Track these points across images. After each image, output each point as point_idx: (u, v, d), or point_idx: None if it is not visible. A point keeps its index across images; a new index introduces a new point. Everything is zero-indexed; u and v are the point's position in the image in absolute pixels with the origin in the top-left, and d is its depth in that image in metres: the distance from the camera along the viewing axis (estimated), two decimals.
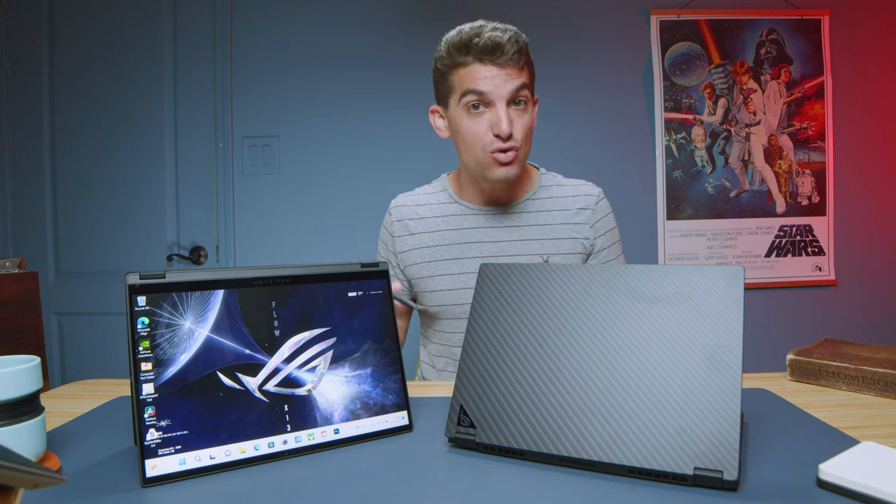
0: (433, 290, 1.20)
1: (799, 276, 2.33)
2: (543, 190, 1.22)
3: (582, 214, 1.20)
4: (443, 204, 1.23)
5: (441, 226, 1.21)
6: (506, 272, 0.76)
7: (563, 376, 0.67)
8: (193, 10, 2.30)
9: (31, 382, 0.63)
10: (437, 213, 1.23)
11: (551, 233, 1.18)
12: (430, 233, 1.21)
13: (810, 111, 2.31)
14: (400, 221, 1.24)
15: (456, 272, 1.18)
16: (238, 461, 0.66)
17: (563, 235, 1.18)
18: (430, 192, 1.27)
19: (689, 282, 0.67)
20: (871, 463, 0.57)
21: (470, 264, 1.17)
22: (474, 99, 1.06)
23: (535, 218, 1.19)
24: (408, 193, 1.29)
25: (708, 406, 0.60)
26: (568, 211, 1.20)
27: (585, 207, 1.20)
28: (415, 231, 1.22)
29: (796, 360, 0.98)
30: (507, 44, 1.03)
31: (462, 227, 1.20)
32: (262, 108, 2.32)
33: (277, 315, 0.73)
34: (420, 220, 1.23)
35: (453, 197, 1.23)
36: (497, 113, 1.06)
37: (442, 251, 1.19)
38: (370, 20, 2.29)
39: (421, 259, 1.21)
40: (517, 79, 1.06)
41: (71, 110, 2.33)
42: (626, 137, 2.32)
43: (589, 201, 1.20)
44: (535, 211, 1.20)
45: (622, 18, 2.32)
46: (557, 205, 1.20)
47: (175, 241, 2.32)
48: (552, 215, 1.19)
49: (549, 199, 1.21)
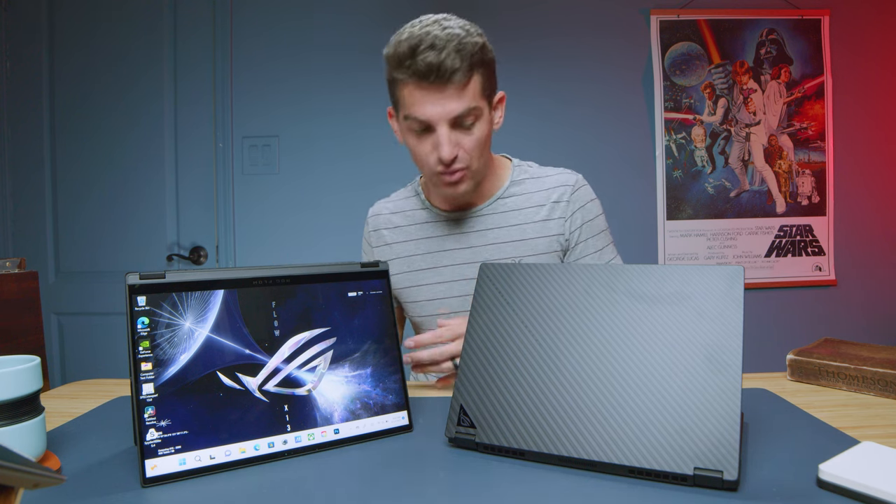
0: (413, 300, 1.18)
1: (799, 276, 2.33)
2: (515, 185, 1.16)
3: (556, 208, 1.12)
4: (415, 210, 1.20)
5: (414, 234, 1.18)
6: (506, 272, 0.76)
7: (563, 376, 0.67)
8: (193, 10, 2.30)
9: (31, 382, 0.63)
10: (411, 220, 1.20)
11: (522, 233, 1.12)
12: (404, 242, 1.19)
13: (810, 111, 2.31)
14: (376, 231, 1.22)
15: (433, 282, 1.15)
16: (238, 461, 0.66)
17: (536, 234, 1.12)
18: (405, 196, 1.24)
19: (689, 282, 0.67)
20: (871, 463, 0.57)
21: (445, 273, 1.15)
22: (416, 125, 1.01)
23: (506, 219, 1.14)
24: (384, 200, 1.26)
25: (708, 406, 0.60)
26: (541, 207, 1.13)
27: (559, 200, 1.12)
28: (390, 241, 1.20)
29: (796, 360, 0.98)
30: (444, 62, 0.93)
31: (434, 234, 1.17)
32: (262, 108, 2.32)
33: (277, 315, 0.73)
34: (395, 230, 1.20)
35: (424, 202, 1.20)
36: (437, 138, 0.99)
37: (418, 261, 1.17)
38: (370, 20, 2.29)
39: (398, 270, 1.18)
40: (458, 102, 0.97)
41: (71, 110, 2.33)
42: (626, 137, 2.32)
43: (563, 193, 1.13)
44: (506, 211, 1.14)
45: (622, 18, 2.32)
46: (530, 201, 1.14)
47: (175, 241, 2.32)
48: (524, 213, 1.13)
49: (521, 195, 1.15)
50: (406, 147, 1.10)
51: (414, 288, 1.17)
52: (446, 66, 0.94)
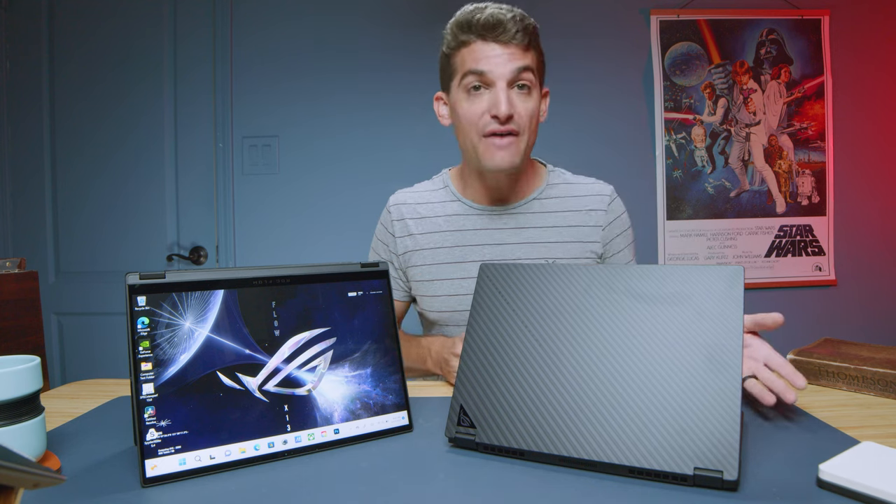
0: (433, 294, 1.15)
1: (799, 276, 2.33)
2: (551, 188, 1.16)
3: (592, 216, 1.13)
4: (444, 202, 1.17)
5: (443, 226, 1.15)
6: (506, 272, 0.76)
7: (563, 376, 0.67)
8: (193, 11, 2.30)
9: (31, 382, 0.63)
10: (439, 212, 1.16)
11: (557, 235, 1.12)
12: (431, 234, 1.15)
13: (810, 111, 2.31)
14: (401, 221, 1.17)
15: (458, 277, 1.13)
16: (238, 461, 0.66)
17: (570, 239, 1.12)
18: (431, 188, 1.21)
19: (689, 282, 0.67)
20: (871, 463, 0.57)
21: (471, 268, 1.12)
22: (474, 80, 1.01)
23: (541, 219, 1.13)
24: (407, 190, 1.22)
25: (708, 406, 0.60)
26: (577, 212, 1.13)
27: (596, 209, 1.14)
28: (415, 232, 1.16)
29: (796, 360, 0.98)
30: (509, 21, 0.99)
31: (464, 227, 1.14)
32: (262, 108, 2.32)
33: (277, 315, 0.73)
34: (421, 220, 1.16)
35: (455, 195, 1.17)
36: (496, 93, 1.00)
37: (443, 254, 1.14)
38: (370, 20, 2.29)
39: (422, 262, 1.15)
40: (520, 60, 1.01)
41: (71, 110, 2.33)
42: (626, 137, 2.32)
43: (601, 202, 1.14)
44: (542, 212, 1.14)
45: (622, 18, 2.31)
46: (565, 205, 1.14)
47: (175, 241, 2.32)
48: (560, 217, 1.13)
49: (556, 198, 1.15)
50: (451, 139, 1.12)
51: (436, 282, 1.14)
52: (510, 25, 1.00)
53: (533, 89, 1.04)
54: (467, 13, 1.02)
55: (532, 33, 1.03)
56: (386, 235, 1.20)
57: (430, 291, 1.15)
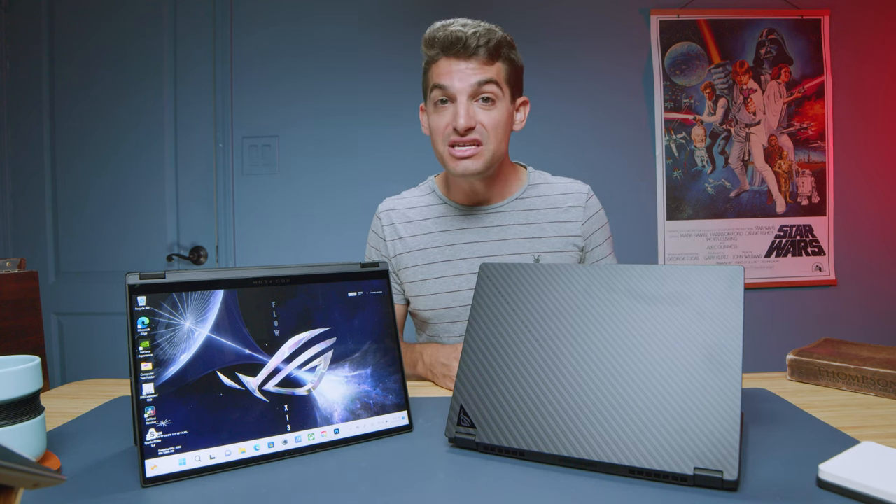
0: (427, 293, 1.19)
1: (799, 276, 2.33)
2: (532, 188, 1.22)
3: (572, 212, 1.19)
4: (432, 206, 1.23)
5: (432, 227, 1.20)
6: (506, 272, 0.76)
7: (563, 376, 0.67)
8: (193, 11, 2.30)
9: (31, 382, 0.63)
10: (427, 214, 1.22)
11: (541, 231, 1.18)
12: (421, 235, 1.21)
13: (810, 111, 2.31)
14: (390, 225, 1.23)
15: (450, 274, 1.17)
16: (238, 461, 0.66)
17: (554, 234, 1.18)
18: (418, 194, 1.26)
19: (689, 282, 0.67)
20: (871, 463, 0.57)
21: (463, 265, 1.17)
22: (440, 94, 1.07)
23: (524, 217, 1.19)
24: (395, 197, 1.28)
25: (708, 406, 0.60)
26: (558, 209, 1.19)
27: (575, 205, 1.20)
28: (405, 234, 1.21)
29: (796, 360, 0.98)
30: (470, 37, 1.03)
31: (453, 227, 1.19)
32: (262, 108, 2.31)
33: (277, 315, 0.73)
34: (410, 224, 1.22)
35: (442, 198, 1.22)
36: (457, 107, 1.06)
37: (434, 253, 1.19)
38: (370, 20, 2.29)
39: (414, 262, 1.20)
40: (481, 74, 1.05)
41: (71, 110, 2.33)
42: (626, 137, 2.32)
43: (579, 199, 1.20)
44: (525, 210, 1.19)
45: (622, 18, 2.31)
46: (547, 203, 1.20)
47: (175, 241, 2.32)
48: (542, 213, 1.19)
49: (538, 197, 1.21)
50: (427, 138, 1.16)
51: (428, 281, 1.18)
52: (471, 41, 1.04)
53: (498, 101, 1.08)
54: (434, 30, 1.07)
55: (498, 43, 1.06)
56: (378, 241, 1.25)
57: (424, 291, 1.19)
